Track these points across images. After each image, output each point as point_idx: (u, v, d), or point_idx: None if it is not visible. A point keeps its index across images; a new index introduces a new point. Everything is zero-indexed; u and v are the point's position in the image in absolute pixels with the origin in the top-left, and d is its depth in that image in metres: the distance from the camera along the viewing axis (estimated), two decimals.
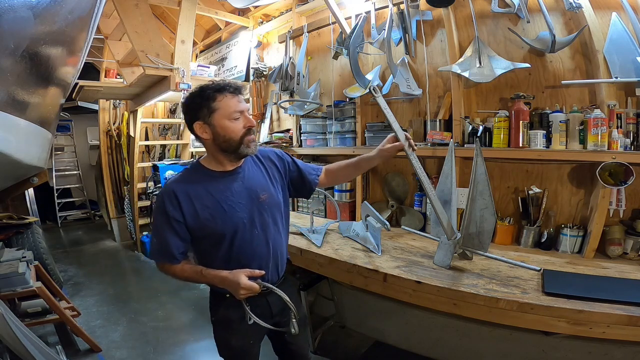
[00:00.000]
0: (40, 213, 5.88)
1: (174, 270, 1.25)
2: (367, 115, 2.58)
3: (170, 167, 4.15)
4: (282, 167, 1.41)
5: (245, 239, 1.24)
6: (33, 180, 2.72)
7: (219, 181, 1.24)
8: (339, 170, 1.51)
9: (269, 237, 1.30)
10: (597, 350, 1.67)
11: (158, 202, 1.24)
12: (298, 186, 1.46)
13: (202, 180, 1.24)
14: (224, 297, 1.29)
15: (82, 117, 6.74)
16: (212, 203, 1.21)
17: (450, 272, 1.58)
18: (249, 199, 1.26)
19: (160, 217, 1.21)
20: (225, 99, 1.17)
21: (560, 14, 1.83)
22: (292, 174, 1.44)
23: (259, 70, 3.40)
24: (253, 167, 1.33)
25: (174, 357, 2.44)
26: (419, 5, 2.23)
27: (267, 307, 1.32)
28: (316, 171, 1.50)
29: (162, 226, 1.21)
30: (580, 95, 1.81)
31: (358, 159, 1.45)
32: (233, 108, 1.18)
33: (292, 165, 1.44)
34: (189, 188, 1.21)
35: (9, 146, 1.45)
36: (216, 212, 1.21)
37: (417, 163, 1.47)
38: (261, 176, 1.33)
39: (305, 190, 1.49)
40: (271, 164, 1.39)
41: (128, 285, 3.76)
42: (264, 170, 1.35)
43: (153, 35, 3.04)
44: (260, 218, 1.27)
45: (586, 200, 1.82)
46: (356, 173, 1.51)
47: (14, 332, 1.47)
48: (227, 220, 1.21)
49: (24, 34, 1.26)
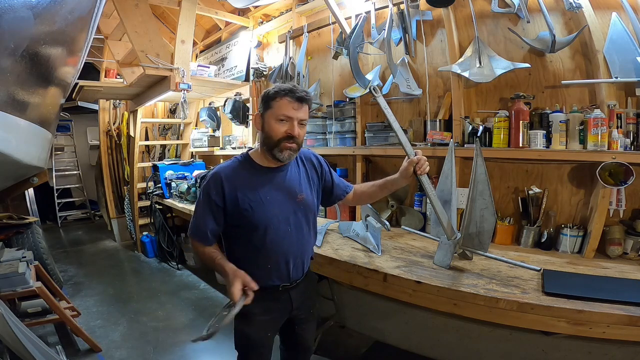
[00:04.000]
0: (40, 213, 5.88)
1: (202, 250, 1.32)
2: (367, 115, 2.58)
3: (170, 167, 4.15)
4: (321, 173, 1.48)
5: (278, 234, 1.30)
6: (33, 180, 2.72)
7: (263, 176, 1.32)
8: (366, 190, 1.55)
9: (300, 236, 1.36)
10: (597, 350, 1.67)
11: (205, 184, 1.32)
12: (325, 196, 1.52)
13: (248, 171, 1.32)
14: None
15: (82, 117, 6.74)
16: (253, 195, 1.28)
17: (450, 272, 1.58)
18: (288, 197, 1.33)
19: (203, 198, 1.30)
20: (282, 100, 1.24)
21: (560, 14, 1.83)
22: (327, 183, 1.51)
23: (259, 70, 3.39)
24: (295, 167, 1.40)
25: (174, 357, 2.44)
26: (419, 5, 2.23)
27: (289, 302, 1.39)
28: (346, 188, 1.55)
29: (203, 207, 1.29)
30: (580, 95, 1.82)
31: (384, 181, 1.48)
32: (283, 111, 1.24)
33: (327, 175, 1.51)
34: (235, 177, 1.29)
35: (9, 146, 1.45)
36: (255, 204, 1.27)
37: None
38: (301, 177, 1.40)
39: (329, 202, 1.57)
40: (312, 167, 1.46)
41: (128, 285, 3.76)
42: (304, 172, 1.42)
43: (153, 35, 3.04)
44: (294, 217, 1.33)
45: (586, 200, 1.82)
46: (381, 194, 1.55)
47: (14, 332, 1.47)
48: (264, 214, 1.28)
49: (24, 34, 1.26)
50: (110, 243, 5.38)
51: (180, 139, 4.79)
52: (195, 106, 4.60)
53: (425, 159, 1.39)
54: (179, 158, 4.73)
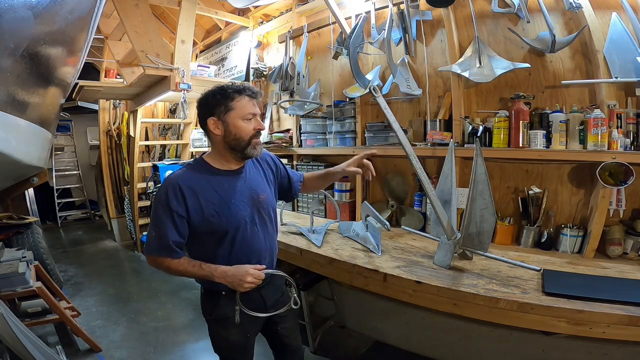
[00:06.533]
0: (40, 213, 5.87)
1: (169, 264, 1.24)
2: (367, 115, 2.58)
3: (170, 167, 4.15)
4: (276, 171, 1.51)
5: (246, 236, 1.30)
6: (33, 180, 2.72)
7: (223, 179, 1.29)
8: (312, 180, 1.64)
9: (266, 234, 1.37)
10: (597, 350, 1.67)
11: (161, 195, 1.24)
12: (284, 191, 1.57)
13: (206, 176, 1.28)
14: (220, 295, 1.33)
15: (82, 117, 6.73)
16: (217, 200, 1.25)
17: (450, 272, 1.58)
18: (250, 198, 1.32)
19: (162, 210, 1.22)
20: (242, 100, 1.25)
21: (560, 14, 1.83)
22: (283, 179, 1.54)
23: (259, 70, 3.40)
24: (253, 168, 1.41)
25: (173, 357, 2.44)
26: (419, 5, 2.23)
27: (262, 301, 1.38)
28: (300, 178, 1.61)
29: (163, 220, 1.21)
30: (580, 95, 1.81)
31: (326, 171, 1.60)
32: (248, 110, 1.25)
33: (282, 171, 1.55)
34: (193, 183, 1.24)
35: (9, 146, 1.45)
36: (221, 209, 1.25)
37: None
38: (260, 178, 1.41)
39: (289, 196, 1.62)
40: (267, 166, 1.48)
41: (128, 285, 3.76)
42: (262, 172, 1.44)
43: (153, 35, 3.04)
44: (259, 217, 1.34)
45: (586, 200, 1.81)
46: (324, 184, 1.68)
47: (14, 332, 1.47)
48: (231, 218, 1.26)
49: (24, 34, 1.26)
50: (110, 243, 5.38)
51: (180, 139, 4.79)
52: (195, 106, 4.59)
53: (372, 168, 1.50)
54: (179, 158, 4.72)
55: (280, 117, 3.35)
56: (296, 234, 2.25)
